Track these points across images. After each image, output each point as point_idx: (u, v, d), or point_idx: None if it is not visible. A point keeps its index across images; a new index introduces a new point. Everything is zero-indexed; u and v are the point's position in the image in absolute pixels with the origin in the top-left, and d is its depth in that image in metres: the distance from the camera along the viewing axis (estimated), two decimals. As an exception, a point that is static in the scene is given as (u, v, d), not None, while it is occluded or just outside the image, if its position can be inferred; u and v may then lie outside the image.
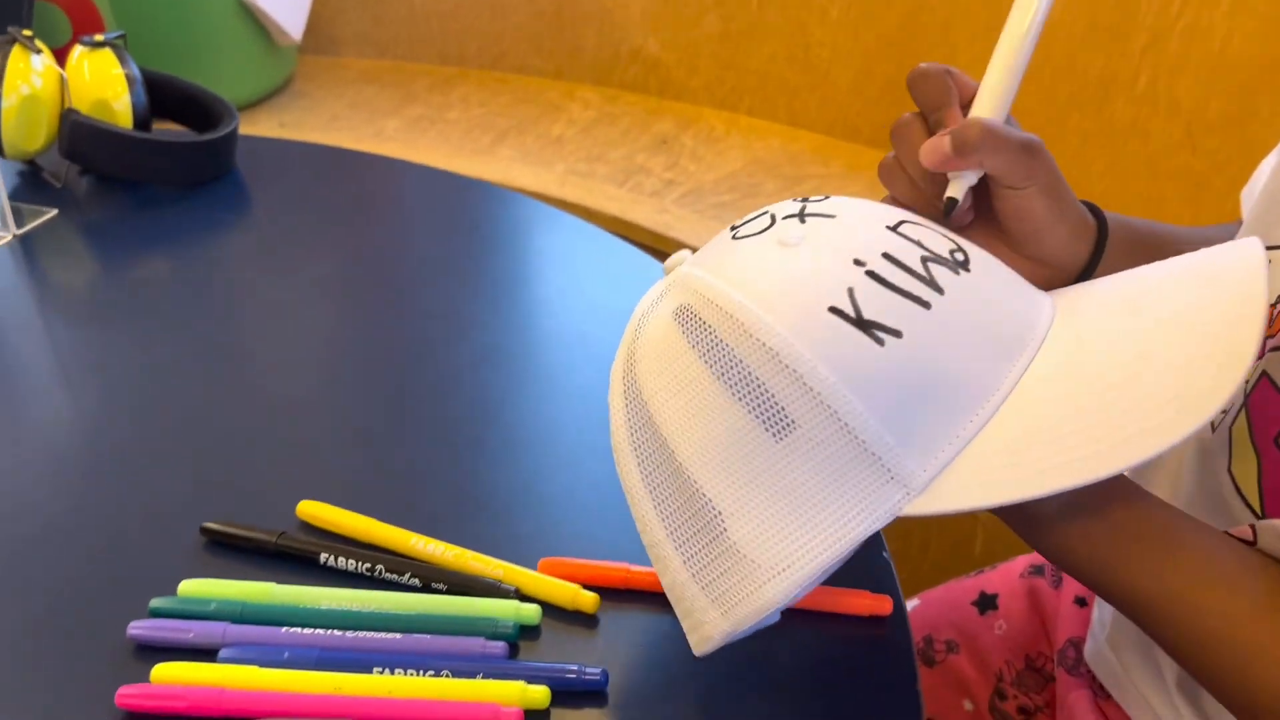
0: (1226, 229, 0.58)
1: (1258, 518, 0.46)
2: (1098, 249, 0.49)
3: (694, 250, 0.44)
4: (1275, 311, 0.47)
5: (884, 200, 0.49)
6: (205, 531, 0.52)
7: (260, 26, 1.43)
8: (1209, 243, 0.56)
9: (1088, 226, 0.49)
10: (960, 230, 0.46)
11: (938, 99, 0.46)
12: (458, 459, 0.59)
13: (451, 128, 1.47)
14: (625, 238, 1.28)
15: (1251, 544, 0.42)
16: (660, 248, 1.25)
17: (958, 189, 0.45)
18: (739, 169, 1.40)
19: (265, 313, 0.73)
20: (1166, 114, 1.18)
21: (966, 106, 0.47)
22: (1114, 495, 0.38)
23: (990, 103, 0.45)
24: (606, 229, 1.28)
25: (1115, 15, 1.20)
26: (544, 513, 0.55)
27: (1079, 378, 0.37)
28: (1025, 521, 0.39)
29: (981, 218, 0.47)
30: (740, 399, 0.37)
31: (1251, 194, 0.56)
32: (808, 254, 0.38)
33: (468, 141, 1.44)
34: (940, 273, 0.38)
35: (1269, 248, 0.50)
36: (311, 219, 0.85)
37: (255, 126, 1.41)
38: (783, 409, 0.36)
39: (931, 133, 0.46)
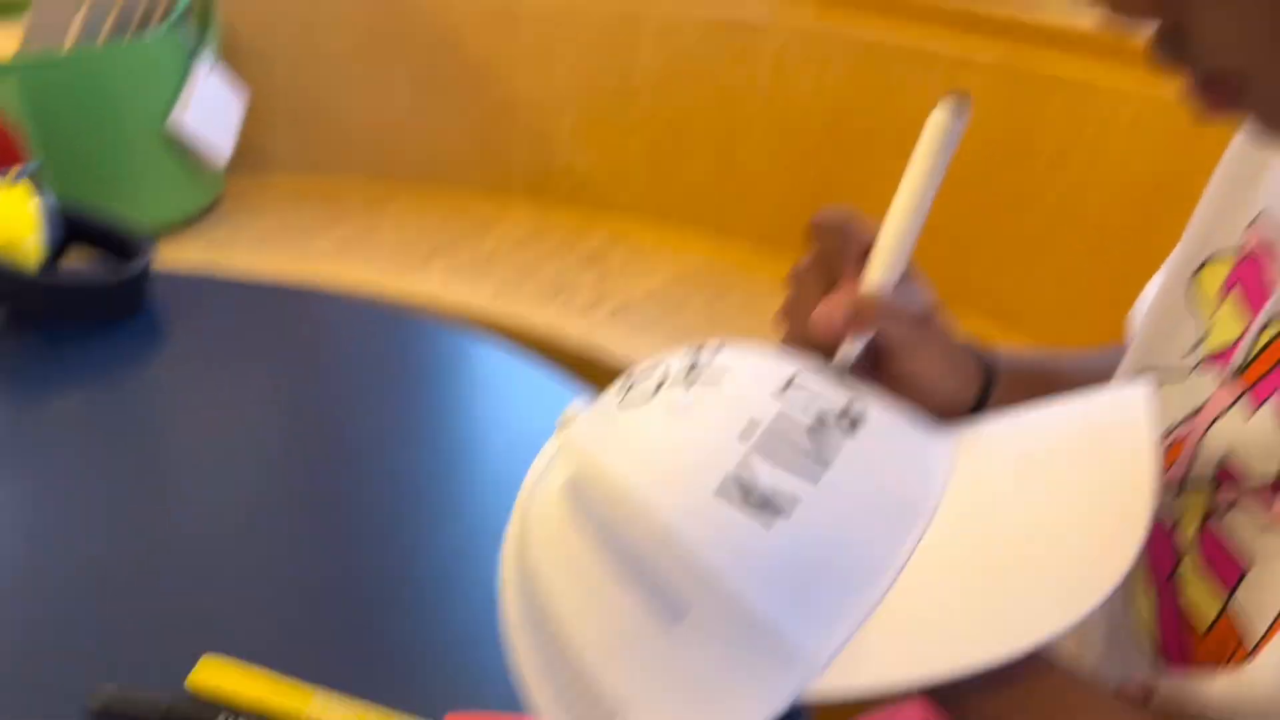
0: (1115, 352, 0.59)
1: (1158, 655, 0.46)
2: (985, 391, 0.50)
3: (588, 402, 0.44)
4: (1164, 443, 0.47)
5: (783, 337, 0.50)
6: (95, 699, 0.50)
7: (186, 150, 1.44)
8: (1097, 372, 0.57)
9: (976, 373, 0.50)
10: (850, 373, 0.47)
11: (835, 250, 0.47)
12: (372, 604, 0.58)
13: (382, 245, 1.48)
14: (556, 355, 1.29)
15: (1148, 700, 0.42)
16: (592, 364, 1.26)
17: (851, 350, 0.46)
18: (668, 282, 1.42)
19: (175, 457, 0.72)
20: (1075, 227, 1.22)
21: (869, 250, 0.48)
22: (1010, 668, 0.38)
23: (886, 262, 0.47)
24: (537, 347, 1.29)
25: (1023, 133, 1.25)
26: (454, 661, 0.54)
27: (972, 554, 0.36)
28: (923, 691, 0.39)
29: (874, 364, 0.48)
30: (631, 584, 0.36)
31: (1137, 316, 0.58)
32: (695, 426, 0.38)
33: (399, 259, 1.44)
34: (829, 440, 0.38)
35: (1156, 367, 0.52)
36: (230, 355, 0.84)
37: (181, 250, 1.40)
38: (675, 594, 0.36)
39: (831, 281, 0.47)
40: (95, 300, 0.85)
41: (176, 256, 1.37)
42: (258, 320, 0.90)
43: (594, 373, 1.27)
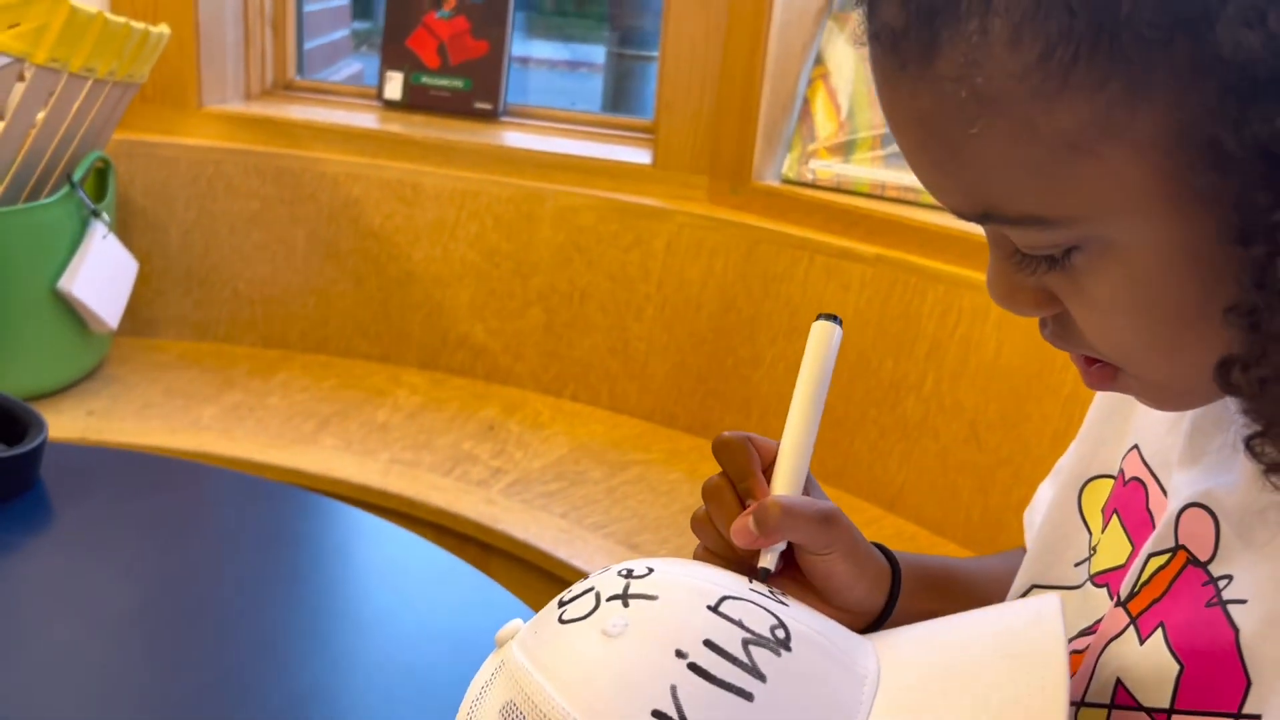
0: (1014, 556, 0.63)
1: None
2: (894, 592, 0.53)
3: (525, 620, 0.44)
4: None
5: (696, 550, 0.52)
6: None
7: (74, 314, 1.40)
8: (997, 575, 0.60)
9: (884, 574, 0.53)
10: (771, 581, 0.49)
11: (742, 468, 0.51)
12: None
13: (272, 415, 1.45)
14: (452, 530, 1.28)
15: None
16: (488, 541, 1.25)
17: (769, 559, 0.48)
18: (565, 455, 1.43)
19: (55, 657, 0.68)
20: (951, 413, 1.29)
21: (769, 467, 0.51)
22: None
23: (787, 474, 0.50)
24: (432, 521, 1.28)
25: (900, 324, 1.33)
26: None
27: None
28: None
29: (790, 570, 0.51)
30: None
31: (1032, 524, 0.62)
32: (630, 646, 0.39)
33: (288, 429, 1.42)
34: (762, 656, 0.40)
35: (1047, 586, 0.55)
36: (117, 539, 0.81)
37: (60, 415, 1.35)
38: None
39: (740, 498, 0.50)
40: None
41: (55, 422, 1.31)
42: (151, 498, 0.88)
43: (492, 551, 1.26)
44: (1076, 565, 0.53)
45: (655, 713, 0.37)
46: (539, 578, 1.21)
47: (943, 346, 1.30)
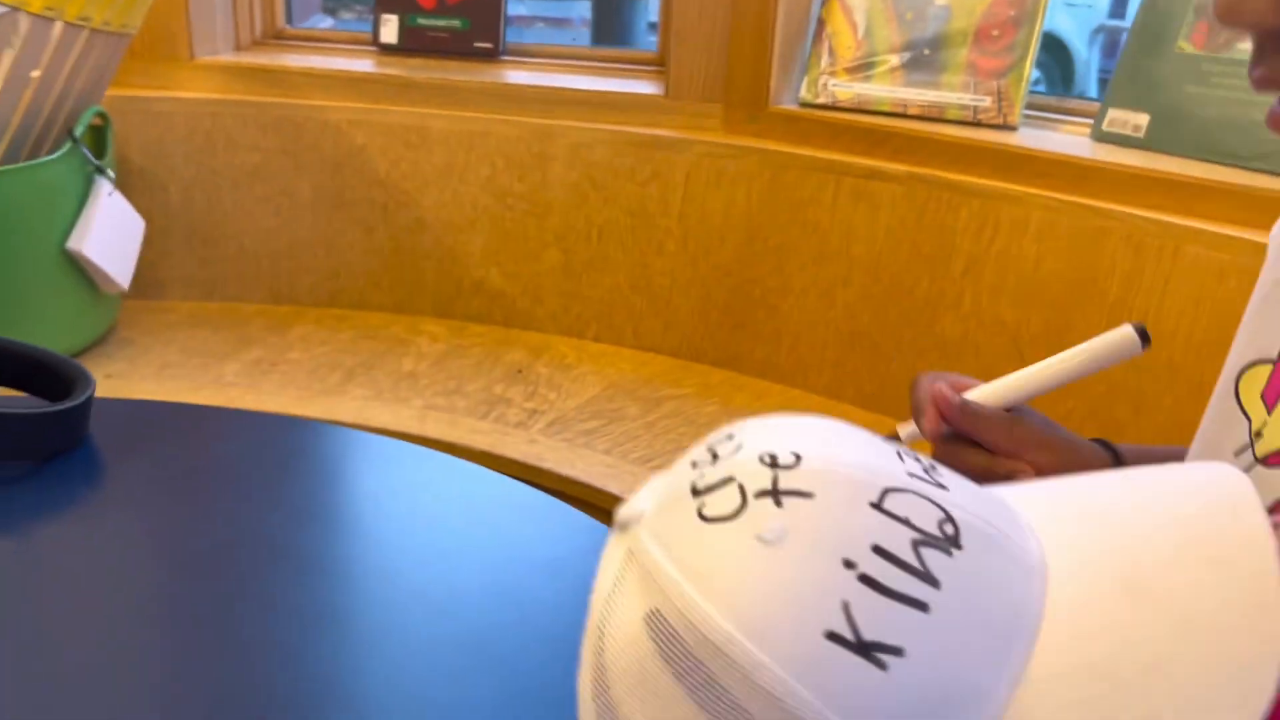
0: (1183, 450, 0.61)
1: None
2: None
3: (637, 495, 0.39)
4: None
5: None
6: None
7: (84, 275, 1.36)
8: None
9: (1104, 465, 0.52)
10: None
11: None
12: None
13: (295, 368, 1.42)
14: (498, 472, 1.25)
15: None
16: (536, 480, 1.23)
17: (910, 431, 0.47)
18: (598, 393, 1.41)
19: (112, 616, 0.65)
20: (992, 329, 1.28)
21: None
22: None
23: (995, 390, 0.49)
24: (476, 464, 1.25)
25: (934, 243, 1.32)
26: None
27: (1083, 692, 0.34)
28: None
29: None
30: None
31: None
32: (793, 557, 0.35)
33: (314, 381, 1.39)
34: (934, 559, 0.36)
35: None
36: (174, 490, 0.78)
37: (79, 379, 1.31)
38: None
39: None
40: (28, 435, 0.78)
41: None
42: (204, 447, 0.84)
43: (541, 489, 1.24)
44: (1237, 454, 0.51)
45: (830, 634, 0.34)
46: (589, 514, 1.19)
47: (980, 262, 1.28)
